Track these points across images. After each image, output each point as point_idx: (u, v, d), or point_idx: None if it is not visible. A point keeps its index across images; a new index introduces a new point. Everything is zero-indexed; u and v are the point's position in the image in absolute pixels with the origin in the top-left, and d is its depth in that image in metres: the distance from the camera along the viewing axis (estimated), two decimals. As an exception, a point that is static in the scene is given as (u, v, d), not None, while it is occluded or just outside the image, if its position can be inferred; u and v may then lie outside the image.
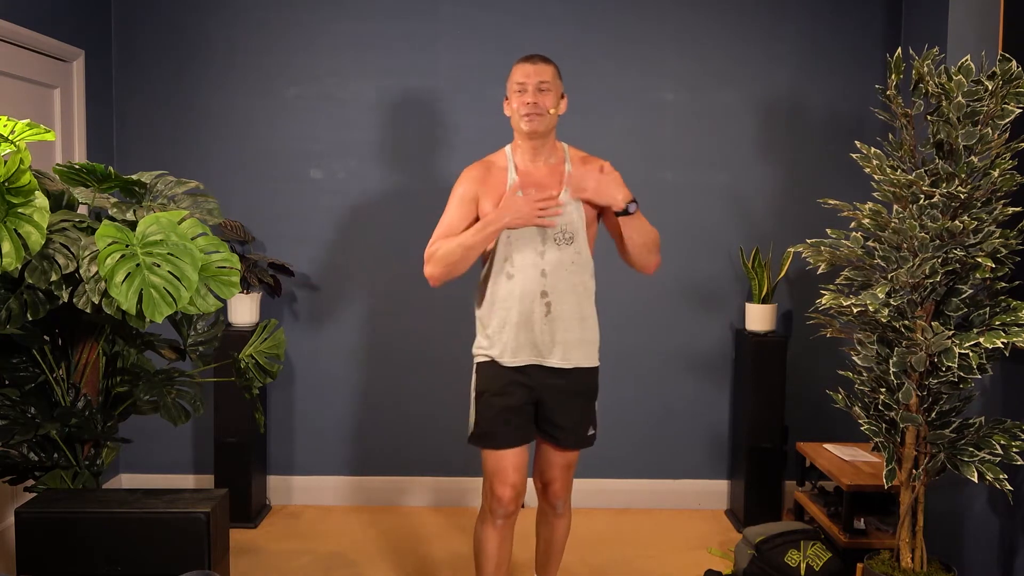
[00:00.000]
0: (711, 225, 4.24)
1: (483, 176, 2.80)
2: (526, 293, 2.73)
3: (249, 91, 4.20)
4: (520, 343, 2.75)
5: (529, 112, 2.70)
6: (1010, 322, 2.54)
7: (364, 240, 4.24)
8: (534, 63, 2.75)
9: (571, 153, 2.85)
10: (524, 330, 2.74)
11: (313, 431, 4.32)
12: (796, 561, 3.30)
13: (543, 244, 2.74)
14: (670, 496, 4.32)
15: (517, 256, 2.74)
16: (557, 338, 2.75)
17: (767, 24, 4.18)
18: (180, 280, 2.48)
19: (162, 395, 2.90)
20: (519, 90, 2.73)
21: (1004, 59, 2.57)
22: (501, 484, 2.78)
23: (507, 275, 2.76)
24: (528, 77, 2.73)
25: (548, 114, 2.73)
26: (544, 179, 2.77)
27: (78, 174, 2.72)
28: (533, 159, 2.80)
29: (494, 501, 2.80)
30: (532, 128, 2.71)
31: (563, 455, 2.88)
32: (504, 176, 2.78)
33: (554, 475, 2.90)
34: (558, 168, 2.80)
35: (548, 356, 2.76)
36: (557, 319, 2.74)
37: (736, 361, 4.25)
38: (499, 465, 2.78)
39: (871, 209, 2.69)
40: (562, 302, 2.75)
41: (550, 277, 2.74)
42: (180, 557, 2.44)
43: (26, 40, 3.50)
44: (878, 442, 2.74)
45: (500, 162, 2.83)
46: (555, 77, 2.76)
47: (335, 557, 3.69)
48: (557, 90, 2.78)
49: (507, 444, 2.77)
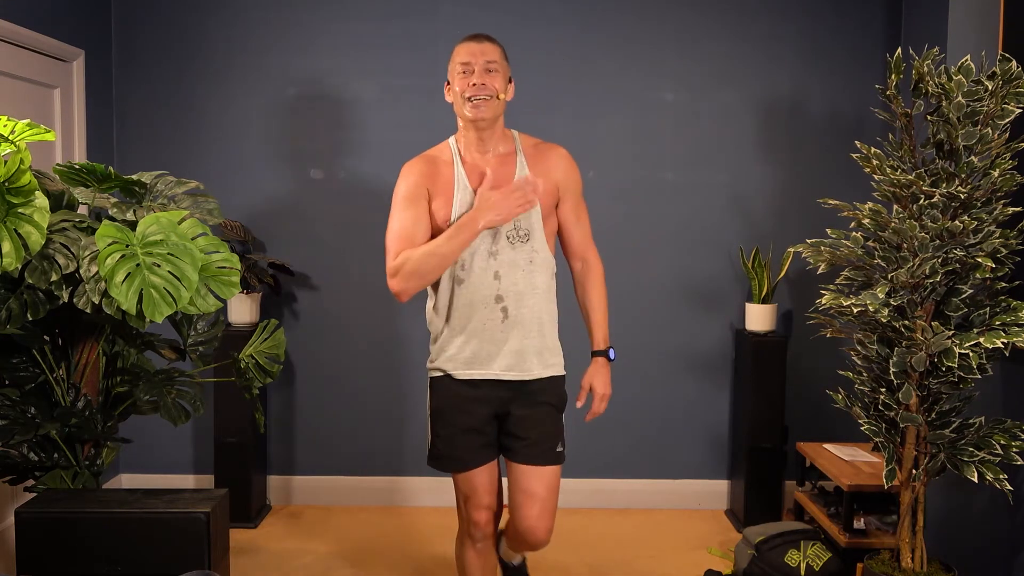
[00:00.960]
0: (711, 225, 4.24)
1: (429, 171, 2.53)
2: (479, 299, 2.49)
3: (249, 91, 4.20)
4: (474, 355, 2.51)
5: (475, 94, 2.44)
6: (1010, 322, 2.54)
7: (364, 240, 4.24)
8: (479, 42, 2.50)
9: (522, 141, 2.60)
10: (478, 340, 2.50)
11: (313, 431, 4.32)
12: (796, 561, 3.30)
13: (495, 243, 2.49)
14: (670, 496, 4.32)
15: (467, 257, 2.49)
16: (517, 345, 2.51)
17: (767, 24, 4.18)
18: (180, 280, 2.48)
19: (162, 395, 2.90)
20: (463, 71, 2.47)
21: (1004, 59, 2.57)
22: (475, 508, 2.59)
23: (456, 279, 2.51)
24: (474, 56, 2.47)
25: (497, 98, 2.47)
26: (495, 172, 2.50)
27: (78, 174, 2.72)
28: (481, 150, 2.54)
29: (471, 526, 2.62)
30: (478, 114, 2.45)
31: (537, 479, 2.54)
32: (451, 171, 2.52)
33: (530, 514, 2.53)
34: (509, 158, 2.55)
35: (509, 368, 2.51)
36: (514, 326, 2.50)
37: (736, 361, 4.25)
38: (470, 488, 2.58)
39: (871, 209, 2.69)
40: (519, 306, 2.50)
41: (504, 280, 2.49)
42: (180, 557, 2.44)
43: (26, 40, 3.50)
44: (878, 442, 2.74)
45: (444, 155, 2.56)
46: (503, 58, 2.52)
47: (335, 557, 3.69)
48: (505, 72, 2.51)
49: (472, 464, 2.55)
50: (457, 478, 2.60)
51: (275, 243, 4.25)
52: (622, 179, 4.22)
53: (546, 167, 2.56)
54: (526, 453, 2.54)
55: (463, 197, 2.50)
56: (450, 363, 2.54)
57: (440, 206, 2.50)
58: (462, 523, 2.67)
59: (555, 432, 2.58)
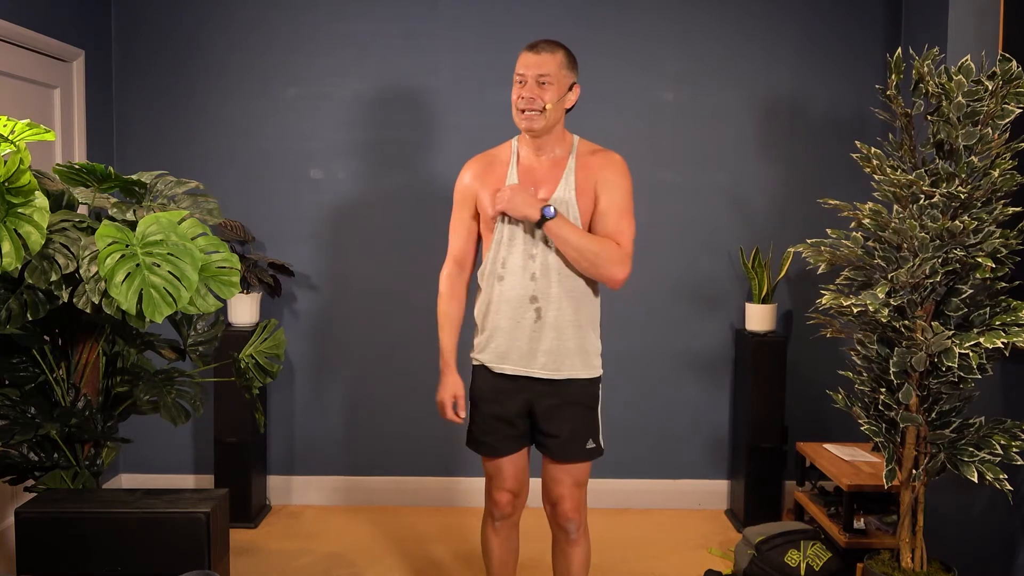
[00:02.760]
0: (711, 225, 4.24)
1: (482, 171, 2.68)
2: (514, 298, 2.59)
3: (249, 91, 4.20)
4: (507, 350, 2.62)
5: (524, 108, 2.54)
6: (1010, 322, 2.54)
7: (364, 240, 4.24)
8: (537, 52, 2.55)
9: (580, 147, 2.66)
10: (512, 337, 2.61)
11: (313, 431, 4.32)
12: (796, 561, 3.30)
13: (534, 246, 2.57)
14: (670, 496, 4.32)
15: (509, 257, 2.60)
16: (545, 347, 2.59)
17: (767, 24, 4.18)
18: (180, 280, 2.48)
19: (162, 395, 2.90)
20: (519, 82, 2.57)
21: (1004, 59, 2.57)
22: (498, 489, 2.73)
23: (498, 277, 2.62)
24: (528, 69, 2.55)
25: (545, 111, 2.53)
26: (545, 174, 2.61)
27: (78, 174, 2.72)
28: (537, 153, 2.64)
29: (492, 505, 2.75)
30: (527, 126, 2.56)
31: (565, 470, 2.66)
32: (505, 171, 2.65)
33: (560, 493, 2.68)
34: (561, 162, 2.62)
35: (534, 366, 2.61)
36: (547, 327, 2.58)
37: (736, 361, 4.25)
38: (496, 470, 2.72)
39: (871, 209, 2.69)
40: (553, 308, 2.58)
41: (540, 281, 2.57)
42: (180, 557, 2.44)
43: (26, 40, 3.50)
44: (878, 442, 2.74)
45: (504, 155, 2.69)
46: (561, 67, 2.55)
47: (335, 557, 3.69)
48: (562, 82, 2.56)
49: (500, 452, 2.69)
50: (486, 460, 2.73)
51: (275, 243, 4.25)
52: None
53: (590, 171, 2.61)
54: (557, 451, 2.65)
55: None
56: (486, 355, 2.68)
57: (488, 204, 2.63)
58: (487, 503, 2.78)
59: (585, 429, 2.66)
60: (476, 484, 4.27)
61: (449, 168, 4.16)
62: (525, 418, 2.67)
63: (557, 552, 2.80)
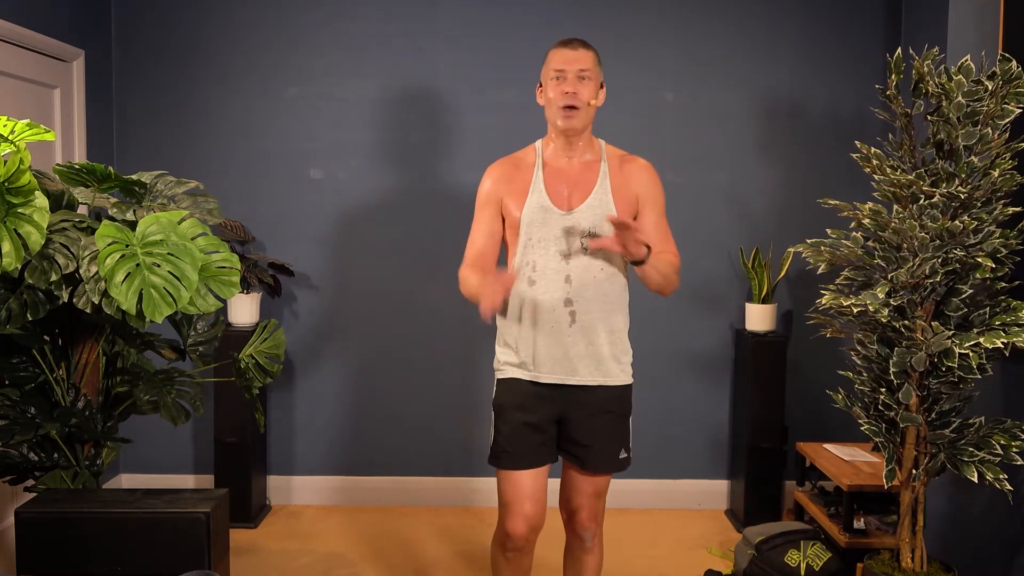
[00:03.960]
0: (711, 225, 4.24)
1: (508, 174, 2.58)
2: (547, 301, 2.49)
3: (249, 91, 4.20)
4: (544, 356, 2.51)
5: (567, 103, 2.45)
6: (1010, 322, 2.54)
7: (364, 240, 4.24)
8: (574, 48, 2.48)
9: (608, 151, 2.61)
10: (548, 342, 2.50)
11: (313, 431, 4.32)
12: (796, 561, 3.30)
13: (569, 248, 2.50)
14: (670, 496, 4.32)
15: (540, 260, 2.50)
16: (583, 351, 2.50)
17: (767, 24, 4.18)
18: (180, 280, 2.48)
19: (162, 395, 2.90)
20: (556, 78, 2.47)
21: (1004, 59, 2.57)
22: (513, 517, 2.53)
23: (528, 280, 2.51)
24: (568, 64, 2.46)
25: (587, 107, 2.47)
26: (577, 178, 2.54)
27: (78, 174, 2.72)
28: (567, 155, 2.56)
29: (506, 537, 2.55)
30: (569, 124, 2.48)
31: (590, 481, 2.58)
32: (531, 174, 2.55)
33: (580, 503, 2.60)
34: (593, 166, 2.55)
35: (573, 372, 2.51)
36: (583, 330, 2.50)
37: (736, 361, 4.25)
38: (514, 493, 2.53)
39: (871, 209, 2.69)
40: (588, 312, 2.49)
41: (575, 283, 2.49)
42: (180, 557, 2.44)
43: (26, 40, 3.50)
44: (878, 442, 2.74)
45: (528, 159, 2.59)
46: (595, 64, 2.51)
47: (335, 557, 3.69)
48: (597, 79, 2.52)
49: (525, 463, 2.52)
50: (504, 479, 2.55)
51: (275, 243, 4.25)
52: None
53: (626, 178, 2.57)
54: (589, 461, 2.55)
55: (536, 200, 2.52)
56: (516, 363, 2.56)
57: (513, 207, 2.54)
58: (499, 527, 2.60)
59: (618, 439, 2.58)
60: (476, 484, 4.27)
61: (450, 167, 4.17)
62: (555, 424, 2.57)
63: (570, 558, 2.74)
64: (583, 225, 2.49)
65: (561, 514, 2.69)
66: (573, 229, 2.50)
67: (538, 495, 2.55)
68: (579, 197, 2.53)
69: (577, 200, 2.52)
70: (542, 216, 2.51)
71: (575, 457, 2.57)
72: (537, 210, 2.52)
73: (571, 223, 2.50)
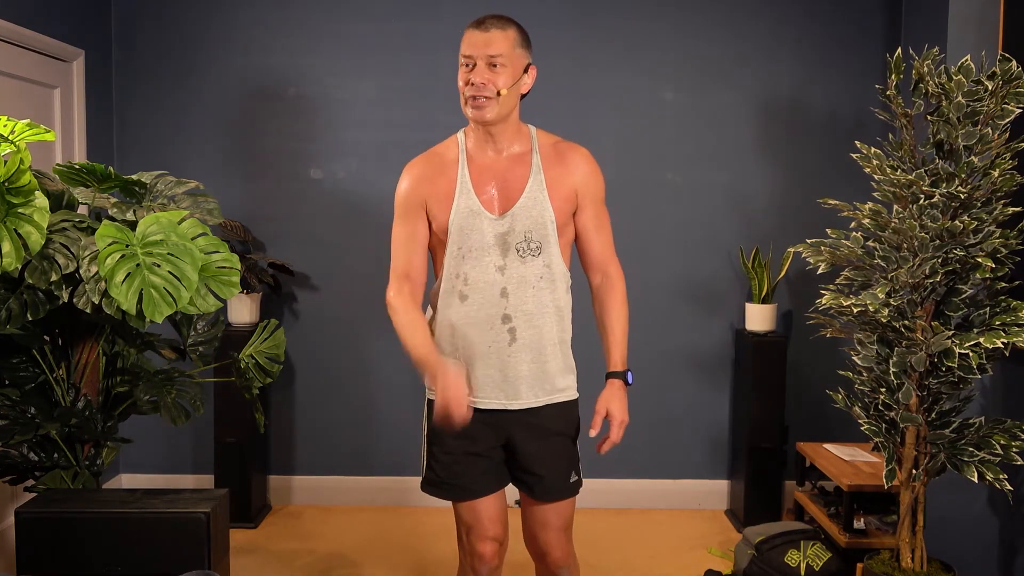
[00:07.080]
0: (711, 225, 4.24)
1: (429, 174, 2.27)
2: (484, 319, 2.22)
3: (249, 91, 4.20)
4: (482, 380, 2.25)
5: (474, 95, 2.18)
6: (1010, 322, 2.54)
7: (364, 240, 4.24)
8: (485, 30, 2.20)
9: (540, 139, 2.32)
10: (482, 364, 2.24)
11: (313, 431, 4.32)
12: (796, 561, 3.30)
13: (503, 257, 2.22)
14: (670, 496, 4.32)
15: (471, 272, 2.23)
16: (525, 372, 2.25)
17: (767, 24, 4.18)
18: (180, 280, 2.48)
19: (162, 395, 2.90)
20: (464, 64, 2.20)
21: (1004, 59, 2.57)
22: (480, 540, 2.33)
23: (460, 295, 2.24)
24: (475, 50, 2.19)
25: (497, 97, 2.18)
26: (506, 174, 2.26)
27: (78, 174, 2.72)
28: (492, 148, 2.28)
29: (475, 559, 2.35)
30: (479, 116, 2.20)
31: (552, 510, 2.34)
32: (454, 172, 2.26)
33: (548, 540, 2.36)
34: (524, 158, 2.27)
35: (516, 396, 2.26)
36: (525, 348, 2.24)
37: (736, 361, 4.25)
38: (473, 517, 2.33)
39: (871, 209, 2.69)
40: (529, 327, 2.24)
41: (512, 298, 2.22)
42: (180, 557, 2.44)
43: (26, 40, 3.50)
44: (878, 442, 2.74)
45: (451, 154, 2.30)
46: (515, 46, 2.20)
47: (335, 557, 3.69)
48: (516, 64, 2.21)
49: (478, 492, 2.31)
50: (458, 507, 2.35)
51: (275, 243, 4.25)
52: (622, 179, 4.22)
53: (564, 169, 2.28)
54: (540, 490, 2.33)
55: (464, 203, 2.24)
56: None
57: (438, 212, 2.25)
58: (464, 557, 2.40)
59: (569, 463, 2.36)
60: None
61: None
62: (500, 450, 2.33)
63: None
64: (518, 229, 2.23)
65: (529, 552, 2.45)
66: (508, 235, 2.23)
67: (499, 514, 2.36)
68: (511, 197, 2.25)
69: (509, 201, 2.25)
70: (472, 222, 2.23)
71: (525, 486, 2.34)
72: (466, 215, 2.23)
73: (505, 228, 2.23)
